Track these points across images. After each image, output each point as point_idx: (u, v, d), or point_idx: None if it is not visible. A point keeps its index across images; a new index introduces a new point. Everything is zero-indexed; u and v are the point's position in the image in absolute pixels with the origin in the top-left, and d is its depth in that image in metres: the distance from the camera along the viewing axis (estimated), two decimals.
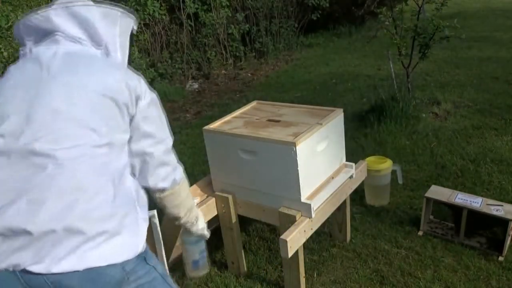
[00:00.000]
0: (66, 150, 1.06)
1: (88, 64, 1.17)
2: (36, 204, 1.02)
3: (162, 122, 1.31)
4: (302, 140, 1.88)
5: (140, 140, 1.23)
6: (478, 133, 3.68)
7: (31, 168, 1.04)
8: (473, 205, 2.34)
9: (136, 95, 1.20)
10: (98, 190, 1.09)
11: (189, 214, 1.50)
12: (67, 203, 1.04)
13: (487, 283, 2.12)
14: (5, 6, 4.63)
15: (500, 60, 5.63)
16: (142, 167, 1.26)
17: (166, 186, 1.33)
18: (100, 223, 1.07)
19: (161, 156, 1.28)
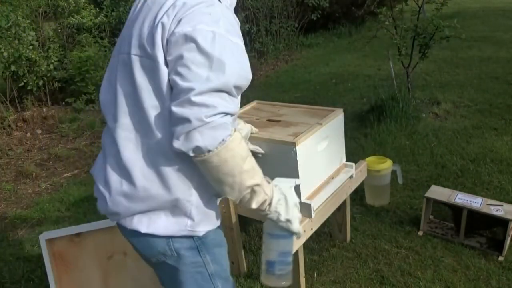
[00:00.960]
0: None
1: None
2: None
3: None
4: (302, 140, 1.88)
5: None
6: (478, 133, 3.68)
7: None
8: (473, 205, 2.34)
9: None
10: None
11: (248, 198, 1.15)
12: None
13: (487, 283, 2.12)
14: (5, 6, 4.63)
15: (500, 60, 5.63)
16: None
17: (182, 149, 1.05)
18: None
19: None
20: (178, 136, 1.04)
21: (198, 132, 1.02)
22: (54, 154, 4.24)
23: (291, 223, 1.23)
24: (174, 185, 1.13)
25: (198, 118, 1.01)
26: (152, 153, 1.12)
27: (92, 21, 5.92)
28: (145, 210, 1.15)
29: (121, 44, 1.19)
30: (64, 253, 2.06)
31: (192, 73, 1.02)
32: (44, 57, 5.21)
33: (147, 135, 1.11)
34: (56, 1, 5.71)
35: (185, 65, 1.03)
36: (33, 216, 3.21)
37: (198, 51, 1.02)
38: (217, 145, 1.04)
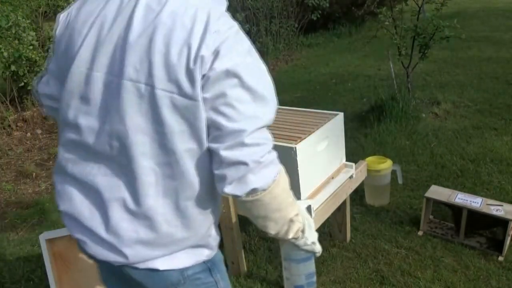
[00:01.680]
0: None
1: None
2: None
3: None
4: (302, 140, 1.88)
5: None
6: (478, 133, 3.68)
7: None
8: (473, 205, 2.34)
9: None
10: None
11: (286, 229, 1.13)
12: None
13: (487, 283, 2.12)
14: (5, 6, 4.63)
15: (500, 60, 5.63)
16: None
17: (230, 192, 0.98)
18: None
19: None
20: (231, 181, 0.96)
21: (252, 174, 0.96)
22: (54, 154, 4.24)
23: (315, 244, 1.23)
24: (200, 225, 1.08)
25: (254, 160, 0.95)
26: (180, 198, 1.02)
27: None
28: (166, 254, 1.07)
29: (120, 65, 0.96)
30: (64, 253, 2.06)
31: (238, 112, 0.93)
32: (44, 57, 5.20)
33: (175, 180, 1.00)
34: (56, 1, 5.70)
35: (229, 104, 0.92)
36: (33, 216, 3.21)
37: (241, 87, 0.93)
38: (271, 183, 0.99)
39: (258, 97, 0.96)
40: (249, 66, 0.95)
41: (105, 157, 1.02)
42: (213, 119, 0.94)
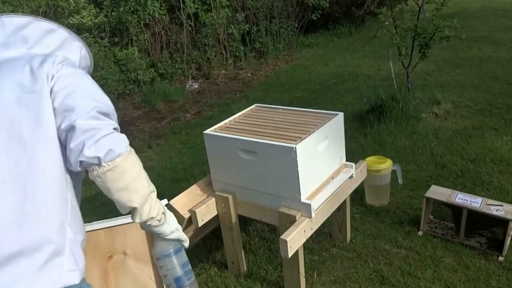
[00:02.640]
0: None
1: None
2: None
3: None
4: (302, 140, 1.88)
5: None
6: (478, 133, 3.68)
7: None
8: (473, 205, 2.34)
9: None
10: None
11: (149, 205, 1.24)
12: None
13: (487, 283, 2.12)
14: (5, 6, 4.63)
15: (500, 60, 5.63)
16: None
17: (99, 155, 1.11)
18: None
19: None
20: (90, 145, 1.10)
21: (107, 138, 1.12)
22: None
23: (179, 230, 1.39)
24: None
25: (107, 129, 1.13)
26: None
27: (92, 21, 5.92)
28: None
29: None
30: None
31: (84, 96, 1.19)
32: None
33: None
34: (56, 1, 5.70)
35: (73, 91, 1.17)
36: None
37: (90, 81, 1.23)
38: (125, 149, 1.15)
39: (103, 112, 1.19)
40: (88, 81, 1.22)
41: None
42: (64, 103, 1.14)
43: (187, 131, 4.53)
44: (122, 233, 2.09)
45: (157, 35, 6.31)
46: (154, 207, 1.25)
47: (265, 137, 1.96)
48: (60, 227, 1.12)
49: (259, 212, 2.10)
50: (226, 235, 2.26)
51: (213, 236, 2.59)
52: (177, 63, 6.33)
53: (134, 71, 5.72)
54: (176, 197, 2.15)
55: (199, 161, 3.74)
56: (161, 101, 5.48)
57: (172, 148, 4.17)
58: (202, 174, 3.39)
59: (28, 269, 1.05)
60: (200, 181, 2.30)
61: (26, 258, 1.05)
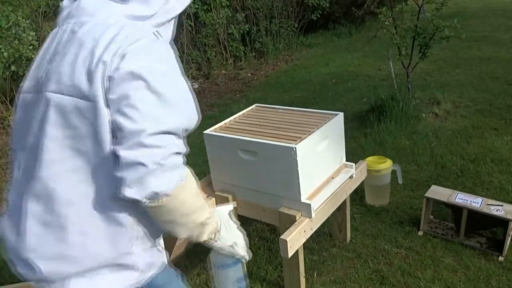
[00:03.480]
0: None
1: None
2: None
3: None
4: (302, 140, 1.88)
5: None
6: (478, 133, 3.68)
7: None
8: (473, 205, 2.34)
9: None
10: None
11: (198, 232, 1.11)
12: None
13: (487, 283, 2.12)
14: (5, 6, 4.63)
15: (500, 60, 5.63)
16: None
17: (139, 199, 0.94)
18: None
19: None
20: (130, 183, 0.92)
21: (153, 177, 0.92)
22: None
23: (237, 246, 1.23)
24: (113, 239, 1.00)
25: (153, 161, 0.92)
26: (88, 206, 0.98)
27: None
28: (79, 271, 1.00)
29: (44, 81, 1.02)
30: None
31: (140, 112, 0.92)
32: None
33: (82, 185, 0.98)
34: (56, 1, 5.70)
35: (132, 105, 0.92)
36: None
37: (147, 90, 0.93)
38: (174, 188, 0.95)
39: (166, 101, 0.95)
40: (158, 72, 0.96)
41: (23, 168, 1.06)
42: (116, 121, 0.93)
43: None
44: None
45: None
46: (204, 233, 1.11)
47: (265, 137, 1.96)
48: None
49: (259, 212, 2.10)
50: None
51: None
52: None
53: None
54: None
55: (199, 161, 3.74)
56: None
57: None
58: (202, 174, 3.38)
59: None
60: (200, 181, 2.30)
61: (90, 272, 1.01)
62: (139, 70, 0.93)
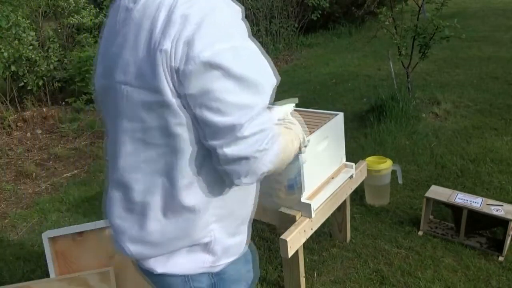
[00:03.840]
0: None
1: None
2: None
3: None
4: None
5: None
6: (478, 133, 3.68)
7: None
8: (473, 205, 2.34)
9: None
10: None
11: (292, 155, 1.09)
12: None
13: (487, 283, 2.12)
14: (5, 6, 4.63)
15: (500, 60, 5.63)
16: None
17: (238, 183, 0.97)
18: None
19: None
20: (241, 175, 0.93)
21: (259, 163, 0.91)
22: (54, 154, 4.24)
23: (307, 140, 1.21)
24: (189, 225, 1.01)
25: (256, 150, 0.90)
26: (162, 195, 0.99)
27: (92, 21, 5.92)
28: (158, 254, 1.05)
29: (112, 68, 0.97)
30: (66, 252, 2.07)
31: (227, 104, 0.86)
32: (44, 57, 5.21)
33: (158, 174, 0.97)
34: (56, 1, 5.70)
35: (216, 98, 0.85)
36: (33, 216, 3.21)
37: (226, 77, 0.85)
38: (279, 158, 0.96)
39: (247, 84, 0.88)
40: (232, 51, 0.86)
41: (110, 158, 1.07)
42: (202, 116, 0.88)
43: None
44: None
45: None
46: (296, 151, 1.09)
47: None
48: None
49: (259, 212, 2.09)
50: None
51: None
52: None
53: None
54: None
55: None
56: None
57: None
58: None
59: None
60: None
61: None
62: (212, 59, 0.83)
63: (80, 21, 5.84)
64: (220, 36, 0.86)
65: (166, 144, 0.94)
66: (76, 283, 1.94)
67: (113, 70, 0.96)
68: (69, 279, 1.95)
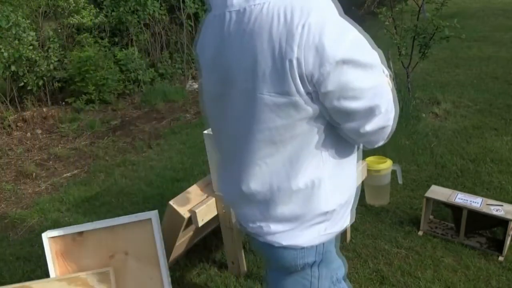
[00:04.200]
0: None
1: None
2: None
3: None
4: None
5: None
6: (478, 133, 3.68)
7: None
8: (473, 205, 2.34)
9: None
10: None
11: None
12: None
13: (487, 283, 2.12)
14: (5, 6, 4.63)
15: (500, 60, 5.63)
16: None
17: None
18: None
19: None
20: (378, 143, 1.14)
21: (391, 128, 1.12)
22: (54, 154, 4.24)
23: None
24: (317, 198, 1.13)
25: (388, 118, 1.08)
26: (290, 176, 1.11)
27: (92, 21, 5.92)
28: (281, 231, 1.18)
29: (230, 76, 1.05)
30: (66, 252, 2.07)
31: (361, 90, 0.99)
32: (44, 57, 5.21)
33: (284, 163, 1.10)
34: (56, 1, 5.70)
35: (352, 88, 0.98)
36: (33, 216, 3.21)
37: (355, 68, 0.97)
38: (396, 116, 1.12)
39: (369, 67, 1.00)
40: (352, 43, 0.97)
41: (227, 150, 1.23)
42: (341, 106, 1.00)
43: (187, 131, 4.53)
44: (123, 233, 2.10)
45: (157, 35, 6.31)
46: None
47: None
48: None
49: None
50: (226, 235, 2.26)
51: (213, 236, 2.59)
52: (177, 63, 6.33)
53: (134, 71, 5.72)
54: (176, 197, 2.15)
55: (199, 161, 3.74)
56: (161, 101, 5.47)
57: (172, 148, 4.17)
58: (202, 174, 3.39)
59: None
60: (200, 181, 2.30)
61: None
62: (344, 56, 0.94)
63: (80, 21, 5.84)
64: (341, 34, 0.96)
65: (292, 137, 1.05)
66: (76, 283, 1.94)
67: (232, 77, 1.05)
68: (69, 279, 1.95)
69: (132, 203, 3.20)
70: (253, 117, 1.04)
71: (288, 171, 1.10)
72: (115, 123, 4.96)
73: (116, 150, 4.25)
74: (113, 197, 3.32)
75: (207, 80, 1.16)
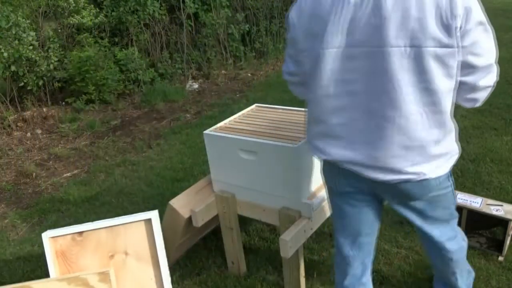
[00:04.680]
0: None
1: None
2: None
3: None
4: (303, 140, 1.88)
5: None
6: (478, 133, 3.68)
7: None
8: (473, 205, 2.34)
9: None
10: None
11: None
12: None
13: (486, 283, 2.12)
14: (5, 6, 4.63)
15: (500, 60, 5.56)
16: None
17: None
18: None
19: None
20: (482, 99, 1.55)
21: (491, 90, 1.48)
22: (54, 154, 4.25)
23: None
24: (451, 139, 1.48)
25: (495, 80, 1.48)
26: (438, 122, 1.37)
27: (92, 21, 5.92)
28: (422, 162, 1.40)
29: (384, 37, 1.25)
30: (66, 252, 2.07)
31: (485, 50, 1.33)
32: (44, 57, 5.21)
33: (436, 113, 1.35)
34: (56, 1, 5.70)
35: (480, 47, 1.29)
36: (33, 216, 3.21)
37: (484, 31, 1.29)
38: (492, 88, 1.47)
39: (491, 33, 1.33)
40: (482, 12, 1.27)
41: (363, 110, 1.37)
42: (468, 60, 1.30)
43: (187, 131, 4.53)
44: (123, 233, 2.10)
45: (157, 35, 6.31)
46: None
47: (265, 137, 1.96)
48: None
49: (259, 212, 2.10)
50: (226, 235, 2.26)
51: (213, 236, 2.59)
52: (177, 63, 6.33)
53: (134, 71, 5.73)
54: (176, 197, 2.16)
55: (199, 161, 3.74)
56: (161, 101, 5.48)
57: (172, 148, 4.17)
58: (202, 174, 3.39)
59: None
60: (200, 181, 2.30)
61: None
62: (480, 19, 1.25)
63: (80, 21, 5.85)
64: (477, 3, 1.27)
65: (441, 84, 1.29)
66: (76, 283, 1.94)
67: (382, 37, 1.25)
68: (69, 279, 1.95)
69: (132, 203, 3.20)
70: (409, 69, 1.26)
71: (438, 117, 1.37)
72: (115, 123, 4.96)
73: (116, 150, 4.25)
74: (113, 197, 3.33)
75: (335, 44, 1.32)
